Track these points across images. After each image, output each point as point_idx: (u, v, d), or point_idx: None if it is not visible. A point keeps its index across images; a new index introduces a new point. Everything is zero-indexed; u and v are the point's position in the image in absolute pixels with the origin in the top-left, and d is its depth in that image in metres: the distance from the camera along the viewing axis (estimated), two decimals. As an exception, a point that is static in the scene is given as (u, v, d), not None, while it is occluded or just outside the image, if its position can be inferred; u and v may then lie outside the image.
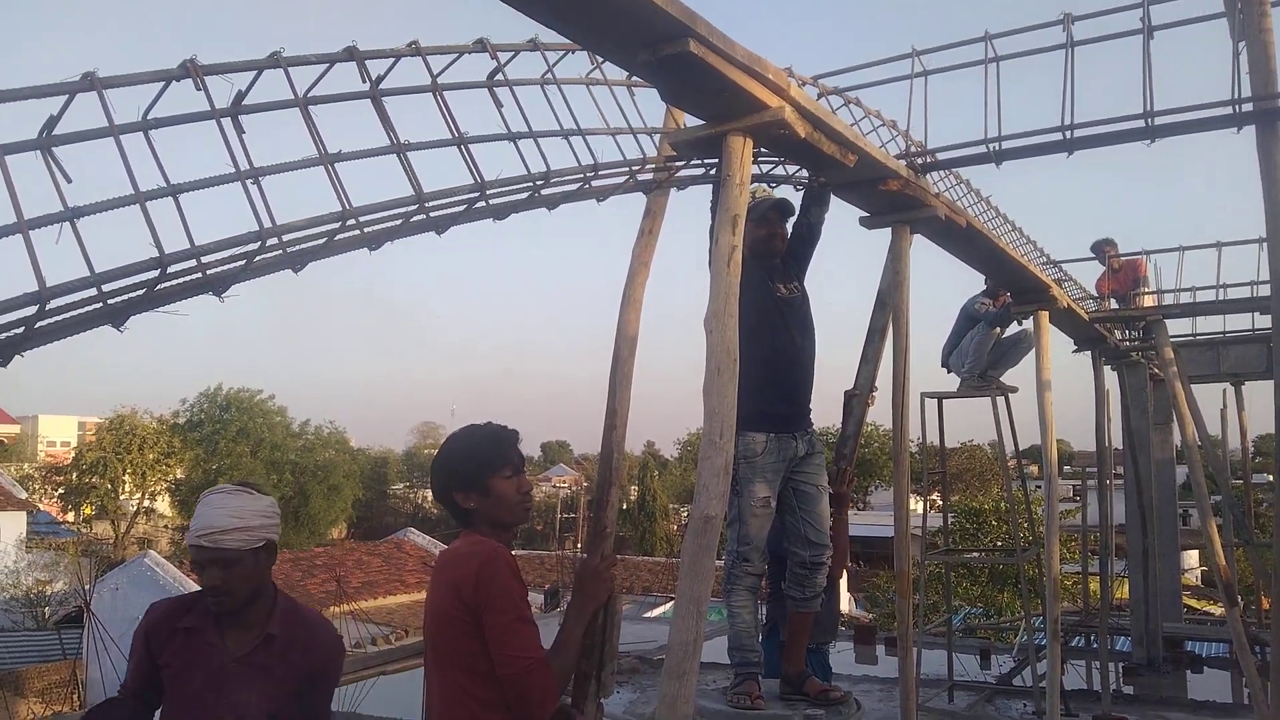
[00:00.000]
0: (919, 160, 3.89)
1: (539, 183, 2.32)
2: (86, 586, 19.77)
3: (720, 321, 2.72)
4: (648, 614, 19.19)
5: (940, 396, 7.77)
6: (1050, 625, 5.63)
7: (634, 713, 7.14)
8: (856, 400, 4.66)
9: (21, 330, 1.64)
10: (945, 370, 7.80)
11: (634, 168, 2.65)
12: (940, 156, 3.92)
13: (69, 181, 1.69)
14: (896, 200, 3.81)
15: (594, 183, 2.53)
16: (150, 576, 19.33)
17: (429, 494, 50.10)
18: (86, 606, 16.78)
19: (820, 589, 3.99)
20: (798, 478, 3.93)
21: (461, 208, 2.19)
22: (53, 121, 1.67)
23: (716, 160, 2.80)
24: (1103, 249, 9.40)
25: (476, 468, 2.68)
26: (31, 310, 1.62)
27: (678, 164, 2.89)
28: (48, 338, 1.72)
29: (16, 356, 1.68)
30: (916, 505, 8.80)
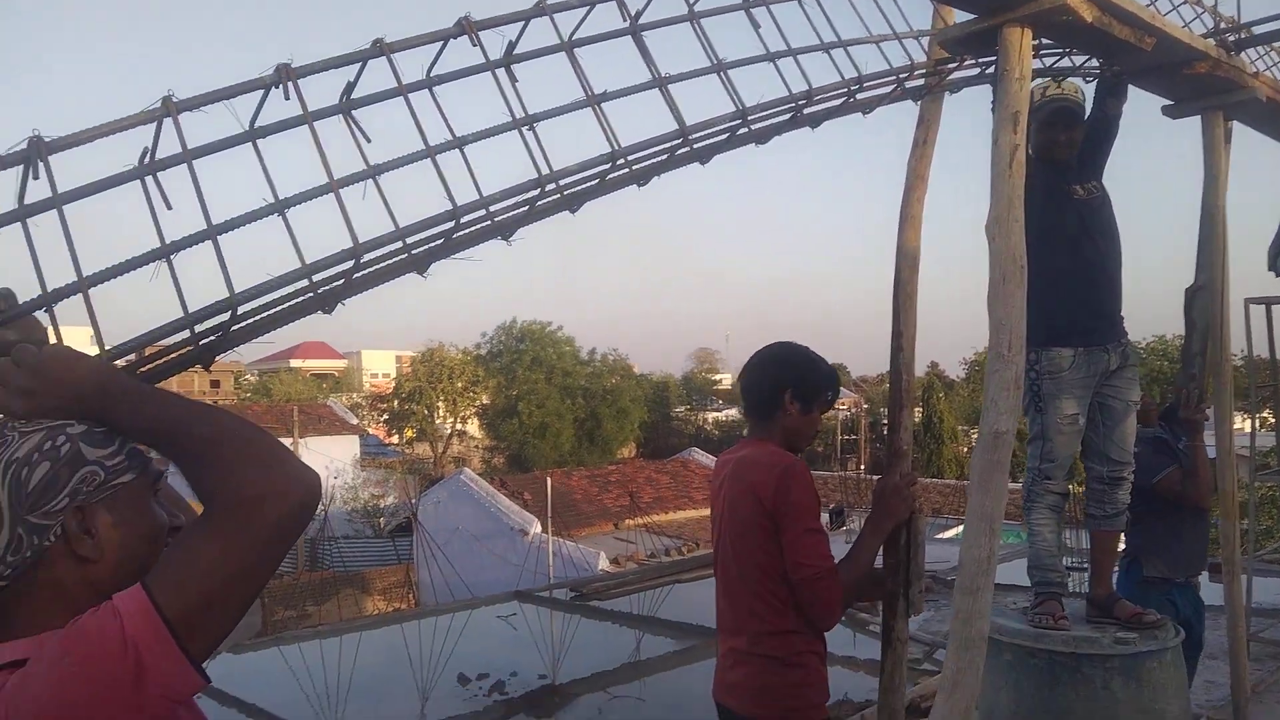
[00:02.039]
0: (1231, 37, 3.41)
1: (801, 102, 2.26)
2: (412, 500, 22.14)
3: (1004, 227, 2.56)
4: (939, 535, 18.77)
5: (1269, 302, 6.90)
6: None
7: (928, 630, 7.09)
8: (1199, 309, 4.15)
9: (341, 282, 1.84)
10: (1273, 274, 6.88)
11: (901, 75, 2.51)
12: (1257, 30, 3.41)
13: (369, 141, 1.86)
14: (1205, 84, 3.37)
15: (859, 95, 2.43)
16: (465, 491, 21.24)
17: (709, 416, 51.48)
18: (414, 518, 18.82)
19: (1123, 506, 3.72)
20: (1105, 392, 3.66)
21: (724, 136, 2.18)
22: (350, 87, 1.83)
23: (992, 58, 2.61)
24: None
25: (816, 386, 2.88)
26: (348, 264, 1.80)
27: (950, 66, 2.71)
28: (364, 287, 1.92)
29: (339, 305, 1.89)
30: (1243, 424, 7.91)
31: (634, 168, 2.11)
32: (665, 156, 2.13)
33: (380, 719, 5.45)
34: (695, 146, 2.15)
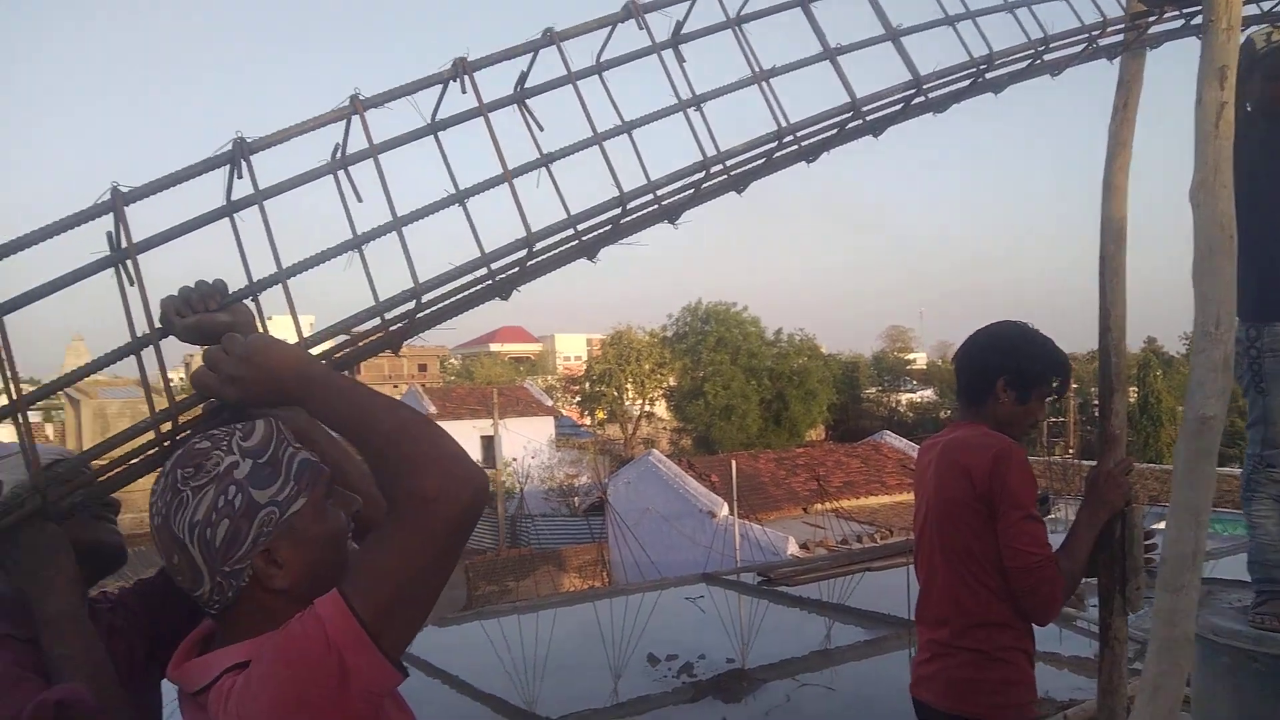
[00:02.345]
0: None
1: (982, 66, 2.14)
2: (604, 480, 22.66)
3: (1209, 193, 2.34)
4: (1155, 525, 17.55)
5: None
6: None
7: (1138, 627, 6.64)
8: None
9: (516, 270, 1.90)
10: None
11: (1094, 32, 2.33)
12: None
13: (541, 130, 1.90)
14: None
15: (1046, 57, 2.27)
16: (654, 472, 21.54)
17: (902, 398, 50.02)
18: (604, 498, 19.27)
19: None
20: None
21: (898, 106, 2.10)
22: (523, 77, 1.88)
23: (1198, 7, 2.38)
24: None
25: (1036, 375, 2.72)
26: (522, 253, 1.86)
27: (1149, 19, 2.49)
28: (536, 274, 1.97)
29: (515, 292, 1.96)
30: None
31: (803, 144, 2.07)
32: (835, 131, 2.07)
33: (575, 695, 5.60)
34: (868, 119, 2.08)
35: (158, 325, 1.61)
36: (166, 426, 1.62)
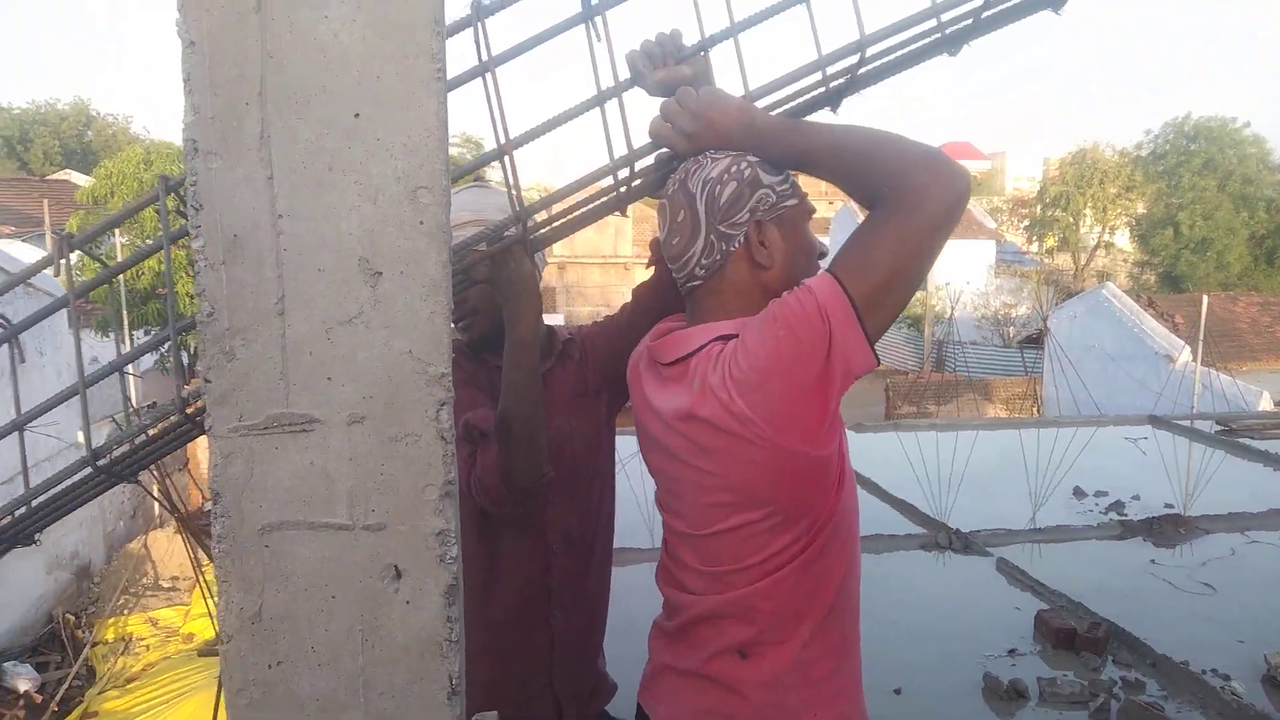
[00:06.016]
0: None
1: None
2: (1047, 312, 21.15)
3: None
4: None
5: None
6: None
7: None
8: None
9: (969, 22, 1.74)
10: None
11: None
12: None
13: None
14: None
15: None
16: (1107, 308, 19.64)
17: None
18: (1045, 330, 18.05)
19: None
20: None
21: None
22: None
23: None
24: None
25: None
26: (979, 1, 1.69)
27: None
28: (991, 27, 1.79)
29: (964, 47, 1.81)
30: None
31: None
32: None
33: (989, 513, 5.48)
34: None
35: (624, 79, 1.64)
36: (624, 172, 1.69)
